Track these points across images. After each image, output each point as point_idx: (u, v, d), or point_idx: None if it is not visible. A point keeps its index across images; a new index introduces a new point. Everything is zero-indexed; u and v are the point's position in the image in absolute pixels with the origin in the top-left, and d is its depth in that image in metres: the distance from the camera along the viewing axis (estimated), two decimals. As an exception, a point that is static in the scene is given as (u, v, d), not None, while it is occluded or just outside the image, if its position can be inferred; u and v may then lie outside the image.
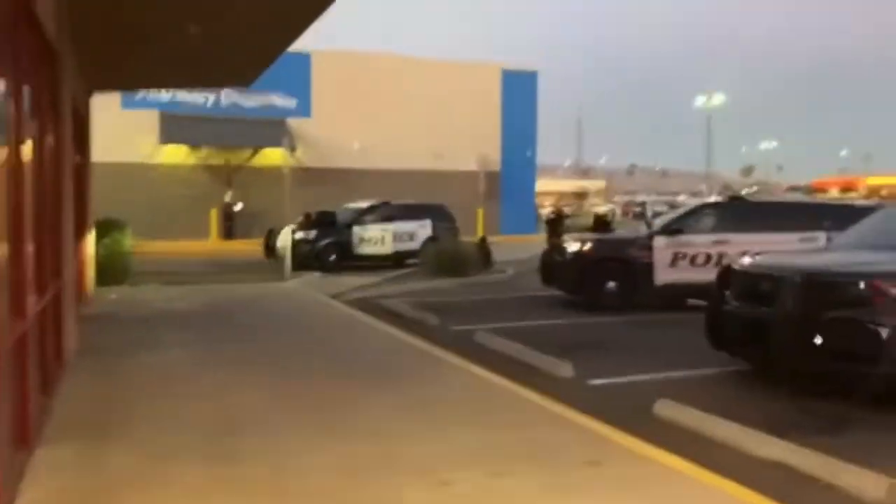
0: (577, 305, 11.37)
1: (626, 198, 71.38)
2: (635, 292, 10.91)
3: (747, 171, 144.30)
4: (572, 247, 11.34)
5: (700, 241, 10.80)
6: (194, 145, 27.31)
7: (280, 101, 28.91)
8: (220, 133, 27.27)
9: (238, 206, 27.27)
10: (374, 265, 17.63)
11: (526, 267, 17.73)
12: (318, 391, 6.07)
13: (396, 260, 18.09)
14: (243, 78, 14.38)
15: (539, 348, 7.72)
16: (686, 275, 10.79)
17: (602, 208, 45.31)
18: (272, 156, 28.30)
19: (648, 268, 10.86)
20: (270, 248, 17.85)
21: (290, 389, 6.08)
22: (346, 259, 17.50)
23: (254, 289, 13.43)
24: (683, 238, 10.83)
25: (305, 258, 16.66)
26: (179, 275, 15.52)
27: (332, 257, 17.33)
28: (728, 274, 6.86)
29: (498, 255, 17.69)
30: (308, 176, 27.98)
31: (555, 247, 11.97)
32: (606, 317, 10.38)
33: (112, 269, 13.39)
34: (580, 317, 10.38)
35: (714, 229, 10.86)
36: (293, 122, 28.65)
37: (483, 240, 17.69)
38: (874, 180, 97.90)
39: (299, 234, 16.79)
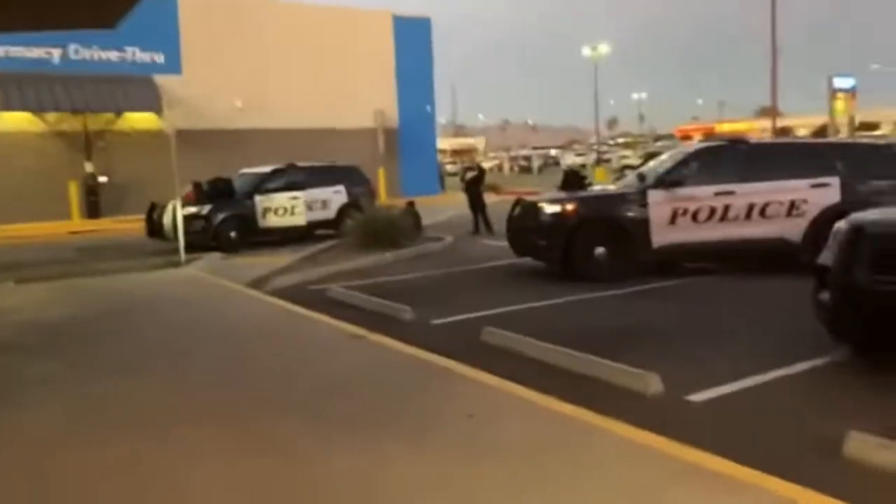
0: (555, 277, 9.51)
1: (515, 152, 70.91)
2: (629, 258, 9.16)
3: (612, 122, 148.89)
4: (550, 208, 9.39)
5: (702, 194, 9.15)
6: (41, 111, 22.94)
7: (144, 55, 24.91)
8: (72, 95, 23.06)
9: (102, 179, 23.34)
10: (282, 240, 15.01)
11: (459, 231, 15.81)
12: (318, 475, 3.78)
13: (307, 232, 15.53)
14: (106, 14, 11.25)
15: (581, 346, 5.74)
16: (688, 234, 9.15)
17: (574, 160, 43.52)
18: (138, 119, 24.49)
19: (643, 228, 9.12)
20: (154, 227, 14.76)
21: (268, 475, 3.75)
22: (250, 235, 14.75)
23: (143, 280, 10.60)
24: (683, 191, 9.14)
25: (200, 236, 13.82)
26: (39, 267, 12.29)
27: (233, 234, 14.51)
28: (856, 236, 5.08)
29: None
30: (183, 140, 24.36)
31: (526, 209, 9.97)
32: (605, 289, 8.55)
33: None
34: (575, 292, 8.48)
35: (715, 178, 9.24)
36: (161, 80, 24.80)
37: (411, 204, 15.45)
38: (724, 126, 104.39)
39: (191, 209, 13.86)
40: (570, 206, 9.23)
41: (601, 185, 10.56)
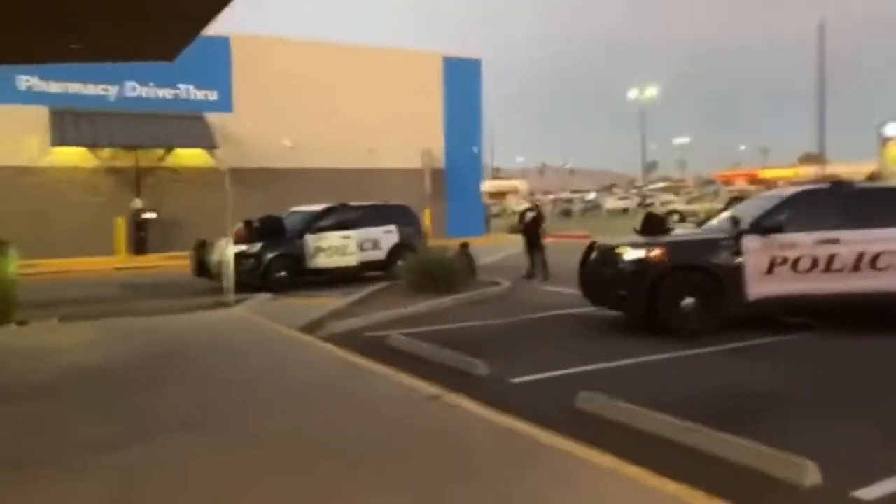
0: (635, 329, 8.66)
1: (556, 195, 70.11)
2: (720, 310, 8.28)
3: (650, 167, 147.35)
4: (632, 253, 8.58)
5: (803, 241, 8.27)
6: (93, 146, 23.01)
7: (197, 92, 24.99)
8: (126, 131, 23.12)
9: (150, 215, 23.19)
10: (331, 281, 14.42)
11: (512, 275, 15.02)
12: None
13: (357, 273, 14.92)
14: (165, 47, 10.98)
15: (696, 418, 4.90)
16: (787, 285, 8.25)
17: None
18: (188, 156, 24.46)
19: (737, 277, 8.25)
20: (202, 265, 14.30)
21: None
22: (299, 275, 14.19)
23: (191, 322, 10.02)
24: (782, 238, 8.27)
25: (248, 276, 13.28)
26: (84, 304, 11.86)
27: (283, 273, 13.97)
28: None
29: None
30: (232, 178, 24.23)
31: (604, 254, 9.17)
32: (698, 346, 7.67)
33: (-10, 305, 9.75)
34: (664, 349, 7.62)
35: (818, 224, 8.36)
36: (213, 118, 24.80)
37: (465, 245, 14.76)
38: (768, 172, 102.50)
39: (240, 247, 13.37)
40: (656, 252, 8.41)
41: (683, 229, 9.72)
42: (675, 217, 42.65)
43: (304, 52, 27.08)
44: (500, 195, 73.14)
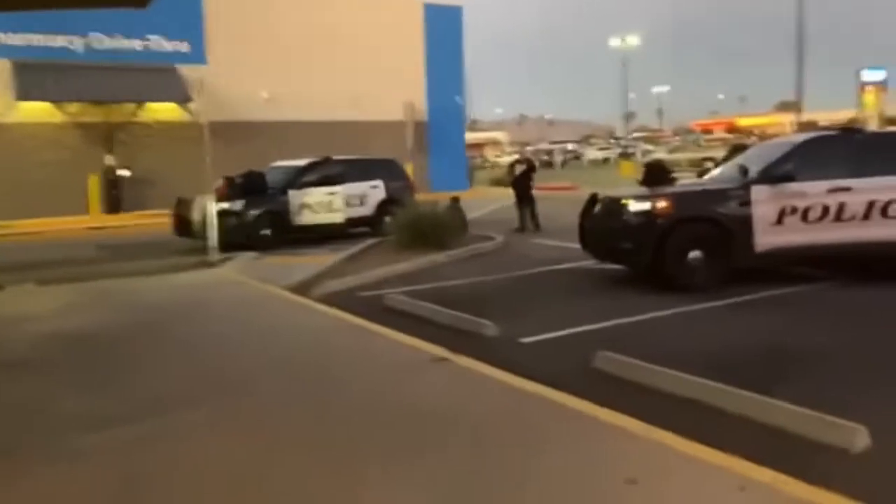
0: (639, 283, 8.39)
1: (536, 147, 69.41)
2: (727, 262, 8.03)
3: (629, 116, 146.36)
4: (637, 205, 8.25)
5: (814, 190, 7.99)
6: (61, 100, 22.02)
7: (168, 44, 23.94)
8: (94, 85, 22.10)
9: (124, 172, 22.39)
10: (317, 238, 13.98)
11: (503, 229, 14.69)
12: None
13: (344, 230, 14.49)
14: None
15: (718, 376, 4.64)
16: (797, 235, 8.00)
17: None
18: (161, 110, 23.55)
19: (746, 228, 7.98)
20: (183, 223, 13.77)
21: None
22: (284, 232, 13.72)
23: (175, 282, 9.59)
24: (792, 187, 7.98)
25: (232, 234, 12.77)
26: (61, 267, 11.33)
27: (267, 231, 13.50)
28: None
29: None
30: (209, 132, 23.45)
31: (607, 206, 8.83)
32: (708, 300, 7.43)
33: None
34: (673, 303, 7.35)
35: (828, 172, 8.07)
36: (185, 69, 23.81)
37: (455, 200, 14.35)
38: (745, 121, 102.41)
39: (222, 205, 12.84)
40: (662, 204, 8.09)
41: (687, 179, 9.38)
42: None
43: (280, 0, 26.01)
44: (478, 147, 72.34)
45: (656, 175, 9.00)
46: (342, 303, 7.92)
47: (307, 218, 14.01)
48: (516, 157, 18.52)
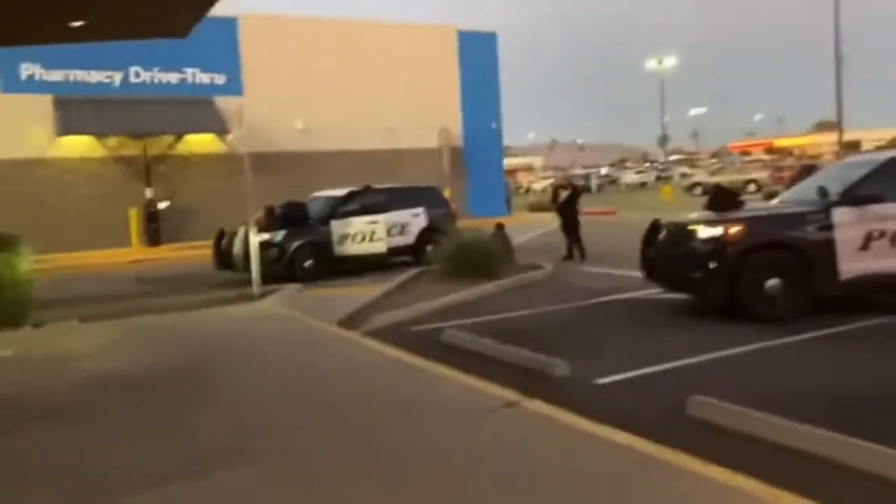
0: (710, 314, 7.83)
1: (570, 171, 68.80)
2: (808, 291, 7.44)
3: (662, 140, 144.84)
4: (709, 231, 7.72)
5: (902, 212, 7.40)
6: (100, 134, 22.20)
7: (205, 76, 24.10)
8: (132, 118, 22.30)
9: (164, 205, 22.42)
10: (358, 269, 13.63)
11: (549, 256, 14.18)
12: None
13: (386, 259, 14.13)
14: (177, 22, 10.13)
15: (836, 425, 4.09)
16: (885, 262, 7.40)
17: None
18: (198, 142, 23.66)
19: (828, 254, 7.40)
20: (224, 256, 13.53)
21: None
22: (326, 263, 13.40)
23: (219, 318, 9.26)
24: (879, 209, 7.40)
25: (273, 266, 12.49)
26: (102, 302, 11.13)
27: (309, 262, 13.19)
28: None
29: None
30: (244, 164, 23.47)
31: (674, 232, 8.31)
32: (792, 333, 6.83)
33: (4, 307, 9.01)
34: (754, 337, 6.78)
35: (918, 193, 7.47)
36: (222, 101, 23.93)
37: (500, 227, 13.90)
38: (783, 141, 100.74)
39: (263, 236, 12.57)
40: (736, 229, 7.55)
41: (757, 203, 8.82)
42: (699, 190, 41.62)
43: (314, 31, 26.13)
44: (511, 173, 72.07)
45: (723, 199, 8.46)
46: (394, 338, 7.49)
47: (349, 248, 13.69)
48: (559, 181, 17.92)
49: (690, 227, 7.94)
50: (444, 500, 3.57)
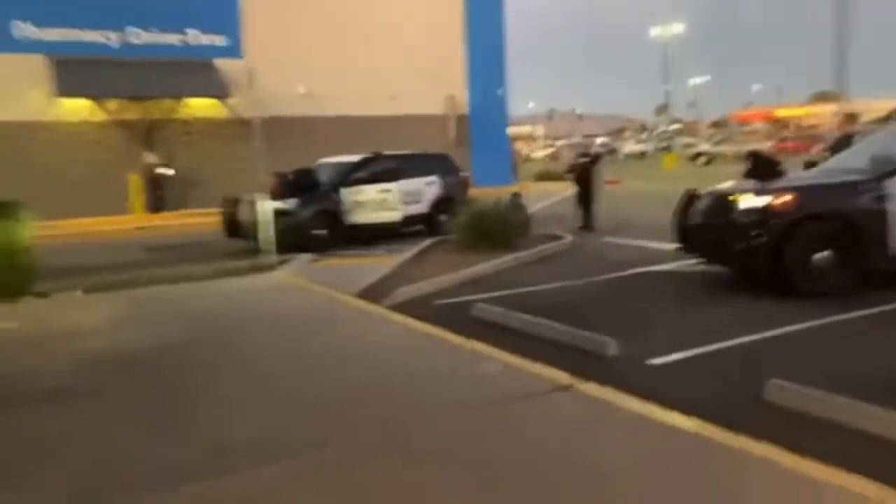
0: (752, 288, 7.45)
1: (571, 140, 67.98)
2: (860, 265, 7.07)
3: (661, 109, 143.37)
4: (754, 201, 7.31)
5: (961, 181, 6.99)
6: (100, 97, 21.55)
7: (205, 37, 23.35)
8: (133, 81, 21.61)
9: (167, 171, 21.84)
10: (371, 238, 13.20)
11: (564, 226, 13.77)
12: None
13: (399, 229, 13.71)
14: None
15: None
16: (942, 235, 7.01)
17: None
18: (200, 106, 23.02)
19: (881, 227, 7.01)
20: (233, 223, 13.09)
21: None
22: (339, 232, 12.96)
23: (234, 289, 8.86)
24: (934, 178, 6.99)
25: (285, 234, 12.02)
26: (107, 272, 10.70)
27: (322, 231, 12.75)
28: None
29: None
30: (247, 129, 22.89)
31: (715, 202, 7.89)
32: (848, 309, 6.45)
33: (5, 277, 8.60)
34: (809, 313, 6.40)
35: (977, 162, 7.05)
36: (222, 64, 23.23)
37: (517, 195, 13.46)
38: (783, 111, 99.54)
39: (275, 203, 12.10)
40: (786, 199, 7.13)
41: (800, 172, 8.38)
42: (703, 159, 41.11)
43: (317, -8, 25.29)
44: (512, 142, 71.31)
45: (764, 167, 8.02)
46: (422, 313, 7.10)
47: (362, 216, 13.24)
48: (580, 150, 17.08)
49: (733, 197, 7.52)
50: (495, 496, 3.21)
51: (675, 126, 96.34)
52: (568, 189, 15.87)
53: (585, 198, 14.38)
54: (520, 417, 4.23)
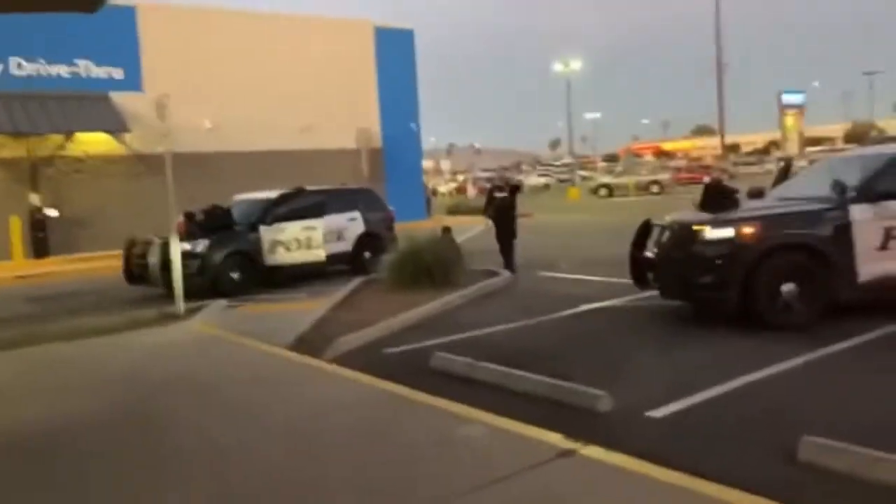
0: (721, 323, 7.07)
1: (475, 174, 68.59)
2: (826, 296, 6.81)
3: (554, 143, 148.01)
4: (717, 232, 6.95)
5: (923, 207, 6.87)
6: (-25, 133, 19.51)
7: (99, 70, 21.73)
8: (13, 115, 19.71)
9: (52, 212, 19.93)
10: (289, 280, 12.19)
11: (492, 261, 12.83)
12: None
13: (323, 269, 12.76)
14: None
15: None
16: (906, 262, 6.85)
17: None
18: (93, 142, 21.30)
19: (846, 255, 6.79)
20: (135, 268, 11.77)
21: None
22: (255, 274, 11.89)
23: (146, 345, 7.69)
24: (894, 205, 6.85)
25: (195, 279, 10.89)
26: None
27: (236, 274, 11.65)
28: None
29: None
30: (145, 165, 21.31)
31: (676, 234, 7.50)
32: (825, 343, 6.11)
33: None
34: (787, 349, 6.03)
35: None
36: (121, 98, 21.63)
37: (447, 230, 12.74)
38: (669, 145, 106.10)
39: (183, 245, 10.92)
40: (749, 229, 6.82)
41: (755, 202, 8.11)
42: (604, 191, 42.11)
43: (222, 23, 24.17)
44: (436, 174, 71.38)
45: (717, 197, 7.73)
46: (374, 366, 6.26)
47: (283, 257, 12.23)
48: (495, 182, 15.89)
49: (696, 228, 7.15)
50: None
51: (569, 160, 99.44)
52: (482, 223, 14.54)
53: (503, 237, 13.23)
54: (523, 491, 3.50)
